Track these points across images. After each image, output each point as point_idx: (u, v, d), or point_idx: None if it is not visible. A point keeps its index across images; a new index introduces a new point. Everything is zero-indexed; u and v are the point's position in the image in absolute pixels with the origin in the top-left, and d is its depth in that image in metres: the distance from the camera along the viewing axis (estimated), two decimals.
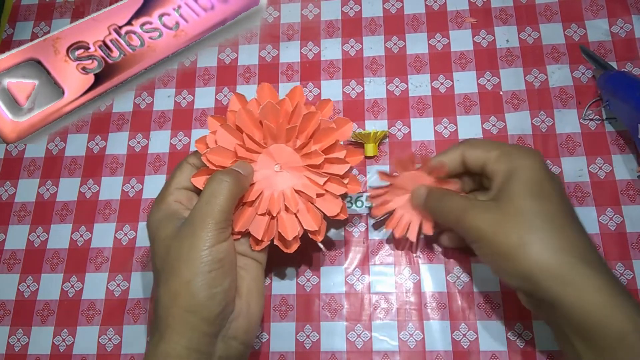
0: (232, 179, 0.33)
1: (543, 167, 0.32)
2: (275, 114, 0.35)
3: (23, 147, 0.48)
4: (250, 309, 0.34)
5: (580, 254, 0.30)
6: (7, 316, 0.43)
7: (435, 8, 0.49)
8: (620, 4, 0.46)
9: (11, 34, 0.53)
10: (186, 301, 0.31)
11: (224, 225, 0.32)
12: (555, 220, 0.31)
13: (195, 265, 0.31)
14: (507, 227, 0.31)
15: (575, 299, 0.29)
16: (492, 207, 0.32)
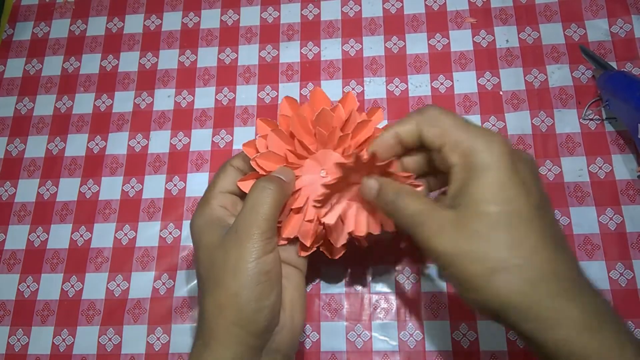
0: (276, 186, 0.32)
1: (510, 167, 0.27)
2: (330, 121, 0.34)
3: (23, 147, 0.48)
4: (294, 321, 0.33)
5: (557, 286, 0.25)
6: (7, 316, 0.43)
7: (435, 8, 0.49)
8: (620, 4, 0.46)
9: (11, 34, 0.53)
10: (233, 314, 0.30)
11: (269, 235, 0.31)
12: (526, 245, 0.26)
13: (242, 278, 0.30)
14: (468, 255, 0.26)
15: (552, 339, 0.25)
16: (450, 225, 0.27)
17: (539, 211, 0.27)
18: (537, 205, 0.27)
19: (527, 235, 0.26)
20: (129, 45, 0.51)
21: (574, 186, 0.42)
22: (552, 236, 0.27)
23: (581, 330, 0.25)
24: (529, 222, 0.26)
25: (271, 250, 0.31)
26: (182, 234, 0.44)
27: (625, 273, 0.39)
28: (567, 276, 0.26)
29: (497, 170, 0.27)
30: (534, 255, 0.26)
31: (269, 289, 0.30)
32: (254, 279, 0.30)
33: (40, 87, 0.51)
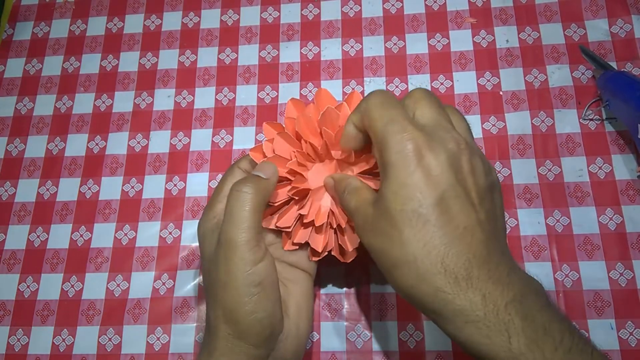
0: (252, 188, 0.30)
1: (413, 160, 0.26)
2: (335, 120, 0.33)
3: (23, 147, 0.48)
4: (300, 328, 0.32)
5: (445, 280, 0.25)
6: (7, 316, 0.43)
7: (435, 8, 0.49)
8: (620, 4, 0.46)
9: (11, 34, 0.53)
10: (231, 328, 0.30)
11: (255, 243, 0.30)
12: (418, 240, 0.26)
13: (233, 294, 0.29)
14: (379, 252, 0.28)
15: (446, 330, 0.26)
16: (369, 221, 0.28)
17: (441, 204, 0.26)
18: (439, 198, 0.26)
19: (421, 232, 0.26)
20: (129, 45, 0.51)
21: (574, 186, 0.42)
22: (452, 229, 0.26)
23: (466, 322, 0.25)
24: (425, 219, 0.26)
25: (261, 258, 0.30)
26: (182, 234, 0.44)
27: (625, 273, 0.39)
28: (456, 268, 0.26)
29: (399, 169, 0.27)
30: (424, 251, 0.26)
31: (264, 299, 0.30)
32: (246, 292, 0.29)
33: (40, 87, 0.51)
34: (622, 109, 0.40)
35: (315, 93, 0.35)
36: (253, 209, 0.30)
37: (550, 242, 0.40)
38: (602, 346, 0.37)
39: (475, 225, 0.27)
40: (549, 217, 0.41)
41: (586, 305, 0.38)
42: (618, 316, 0.38)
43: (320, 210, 0.34)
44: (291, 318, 0.32)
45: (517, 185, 0.42)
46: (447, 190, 0.26)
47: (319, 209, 0.34)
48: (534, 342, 0.24)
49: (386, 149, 0.27)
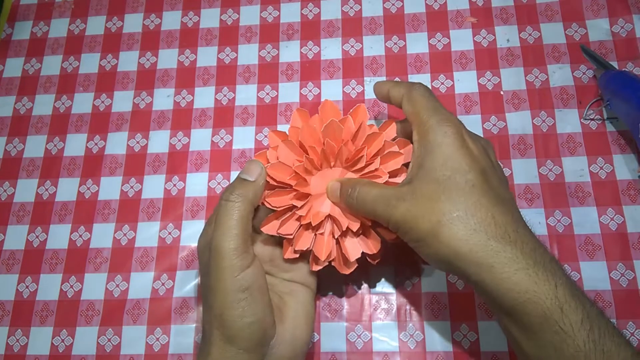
0: (239, 195, 0.32)
1: (458, 142, 0.31)
2: (338, 132, 0.34)
3: (22, 147, 0.48)
4: (296, 335, 0.33)
5: (495, 232, 0.28)
6: (6, 317, 0.43)
7: (435, 7, 0.48)
8: (621, 4, 0.46)
9: (10, 33, 0.53)
10: (222, 333, 0.31)
11: (243, 250, 0.31)
12: (468, 200, 0.29)
13: (222, 299, 0.30)
14: (419, 215, 0.30)
15: (493, 279, 0.28)
16: (406, 194, 0.31)
17: (484, 175, 0.30)
18: (482, 171, 0.30)
19: (470, 192, 0.29)
20: (128, 44, 0.51)
21: (575, 186, 0.41)
22: (494, 195, 0.30)
23: (517, 269, 0.28)
24: (473, 182, 0.30)
25: (248, 264, 0.31)
26: (181, 234, 0.44)
27: (627, 273, 0.39)
28: (504, 223, 0.29)
29: (446, 146, 0.31)
30: (473, 207, 0.29)
31: (253, 303, 0.31)
32: (234, 297, 0.30)
33: (39, 86, 0.50)
34: (623, 108, 0.40)
35: (320, 105, 0.36)
36: (240, 217, 0.31)
37: (551, 242, 0.40)
38: None
39: (511, 198, 0.31)
40: (550, 217, 0.41)
41: None
42: (619, 316, 0.38)
43: (318, 213, 0.34)
44: (286, 325, 0.33)
45: (518, 185, 0.42)
46: (485, 167, 0.31)
47: (317, 212, 0.34)
48: (576, 295, 0.27)
49: (433, 130, 0.31)
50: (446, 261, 0.29)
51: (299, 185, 0.34)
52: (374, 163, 0.34)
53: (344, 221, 0.34)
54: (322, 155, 0.34)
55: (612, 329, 0.27)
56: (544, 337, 0.27)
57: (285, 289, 0.34)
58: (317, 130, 0.35)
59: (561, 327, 0.27)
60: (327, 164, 0.35)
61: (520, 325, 0.28)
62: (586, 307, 0.27)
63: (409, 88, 0.34)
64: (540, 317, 0.27)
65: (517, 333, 0.29)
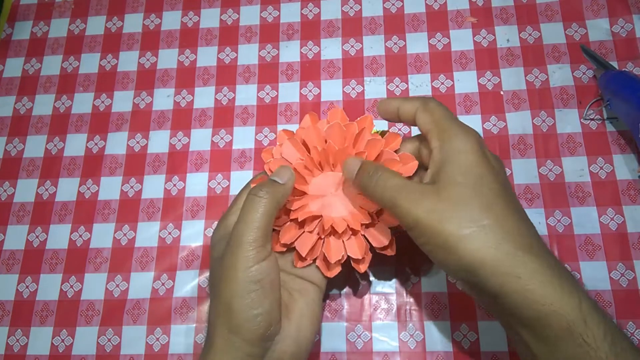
0: (267, 193, 0.32)
1: (481, 152, 0.31)
2: (341, 135, 0.35)
3: (22, 147, 0.48)
4: (301, 333, 0.33)
5: (522, 243, 0.28)
6: (6, 317, 0.43)
7: (435, 7, 0.48)
8: (621, 4, 0.46)
9: (10, 33, 0.53)
10: (228, 322, 0.31)
11: (261, 243, 0.31)
12: (495, 209, 0.29)
13: (233, 287, 0.31)
14: (444, 217, 0.29)
15: (518, 290, 0.27)
16: (430, 193, 0.30)
17: (505, 187, 0.30)
18: (503, 183, 0.31)
19: (496, 202, 0.29)
20: (128, 44, 0.51)
21: (575, 186, 0.41)
22: (515, 207, 0.30)
23: (542, 281, 0.27)
24: (497, 193, 0.30)
25: (264, 258, 0.31)
26: (181, 234, 0.44)
27: (627, 273, 0.39)
28: (528, 235, 0.29)
29: (470, 153, 0.31)
30: (501, 217, 0.29)
31: (262, 296, 0.31)
32: (245, 287, 0.31)
33: (39, 86, 0.50)
34: (623, 108, 0.40)
35: (329, 111, 0.36)
36: (265, 212, 0.32)
37: (551, 242, 0.40)
38: None
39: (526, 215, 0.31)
40: (550, 217, 0.41)
41: None
42: (619, 317, 0.38)
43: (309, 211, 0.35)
44: (292, 321, 0.33)
45: (518, 185, 0.42)
46: (505, 179, 0.32)
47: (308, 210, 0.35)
48: (598, 309, 0.27)
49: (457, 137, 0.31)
50: (468, 270, 0.28)
51: (297, 182, 0.34)
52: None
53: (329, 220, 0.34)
54: (322, 154, 0.35)
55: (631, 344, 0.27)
56: (566, 350, 0.27)
57: (296, 286, 0.35)
58: (322, 132, 0.35)
59: (585, 339, 0.26)
60: (327, 166, 0.36)
61: (541, 338, 0.28)
62: (607, 321, 0.27)
63: (423, 100, 0.34)
64: (564, 330, 0.27)
65: (537, 346, 0.28)
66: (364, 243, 0.35)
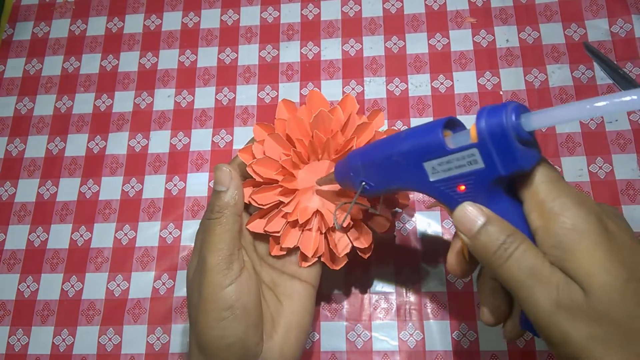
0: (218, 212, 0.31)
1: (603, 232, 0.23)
2: (328, 123, 0.33)
3: (23, 147, 0.48)
4: (285, 348, 0.31)
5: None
6: (7, 316, 0.43)
7: (435, 8, 0.49)
8: (620, 4, 0.46)
9: (11, 34, 0.53)
10: (204, 350, 0.30)
11: (224, 267, 0.30)
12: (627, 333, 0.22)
13: (204, 317, 0.30)
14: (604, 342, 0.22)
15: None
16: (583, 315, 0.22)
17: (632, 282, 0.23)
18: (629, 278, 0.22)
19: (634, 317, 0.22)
20: (129, 45, 0.51)
21: (574, 186, 0.41)
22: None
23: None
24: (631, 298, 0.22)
25: (232, 281, 0.30)
26: (182, 234, 0.44)
27: None
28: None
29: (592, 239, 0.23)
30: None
31: (235, 323, 0.29)
32: (216, 316, 0.29)
33: (40, 87, 0.51)
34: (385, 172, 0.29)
35: (307, 94, 0.35)
36: (223, 231, 0.30)
37: None
38: None
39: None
40: None
41: None
42: None
43: (306, 209, 0.33)
44: (276, 340, 0.31)
45: None
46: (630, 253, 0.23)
47: (305, 208, 0.33)
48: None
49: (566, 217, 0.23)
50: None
51: (286, 180, 0.33)
52: None
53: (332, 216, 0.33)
54: (310, 147, 0.33)
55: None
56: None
57: (287, 290, 0.33)
58: (304, 122, 0.33)
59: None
60: (314, 157, 0.34)
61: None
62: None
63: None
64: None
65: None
66: (366, 230, 0.33)
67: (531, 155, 0.25)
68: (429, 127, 0.27)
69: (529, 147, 0.24)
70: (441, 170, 0.26)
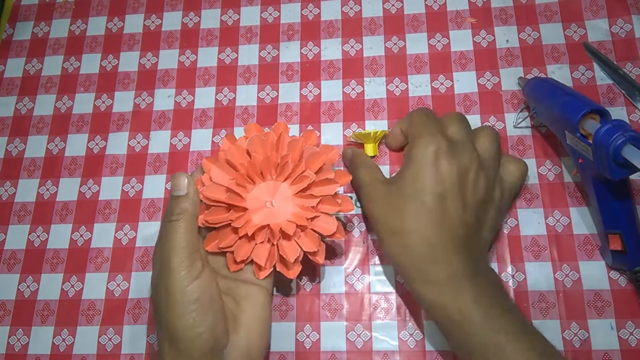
0: (179, 214, 0.33)
1: (430, 161, 0.34)
2: (262, 145, 0.36)
3: (23, 147, 0.48)
4: (250, 343, 0.33)
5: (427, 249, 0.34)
6: (7, 316, 0.43)
7: (435, 8, 0.49)
8: (620, 4, 0.46)
9: (11, 34, 0.53)
10: (174, 344, 0.32)
11: (189, 263, 0.32)
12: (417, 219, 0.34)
13: (172, 311, 0.32)
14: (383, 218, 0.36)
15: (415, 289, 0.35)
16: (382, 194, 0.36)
17: (440, 197, 0.34)
18: (441, 192, 0.34)
19: (419, 214, 0.34)
20: (129, 45, 0.51)
21: (574, 186, 0.42)
22: (441, 217, 0.34)
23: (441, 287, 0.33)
24: (426, 206, 0.34)
25: (196, 276, 0.32)
26: None
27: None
28: (440, 245, 0.34)
29: (418, 163, 0.35)
30: (419, 227, 0.34)
31: (202, 315, 0.32)
32: (184, 308, 0.31)
33: (40, 86, 0.51)
34: (548, 115, 0.40)
35: (245, 127, 0.38)
36: (184, 232, 0.33)
37: (550, 242, 0.40)
38: (602, 346, 0.37)
39: (459, 222, 0.34)
40: (549, 217, 0.41)
41: (586, 305, 0.38)
42: (618, 316, 0.38)
43: (255, 224, 0.35)
44: (240, 333, 0.33)
45: None
46: (448, 189, 0.34)
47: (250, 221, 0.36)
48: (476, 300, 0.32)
49: (414, 146, 0.36)
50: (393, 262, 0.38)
51: (235, 200, 0.35)
52: (300, 167, 0.36)
53: (277, 226, 0.35)
54: (250, 167, 0.36)
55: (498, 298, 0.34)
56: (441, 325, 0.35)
57: (242, 293, 0.35)
58: (242, 148, 0.36)
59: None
60: (259, 178, 0.37)
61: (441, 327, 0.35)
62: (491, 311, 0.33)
63: (411, 113, 0.39)
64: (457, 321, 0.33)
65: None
66: (315, 235, 0.36)
67: (622, 171, 0.33)
68: (577, 107, 0.36)
69: (623, 167, 0.33)
70: (572, 142, 0.37)
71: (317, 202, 0.36)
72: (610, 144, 0.32)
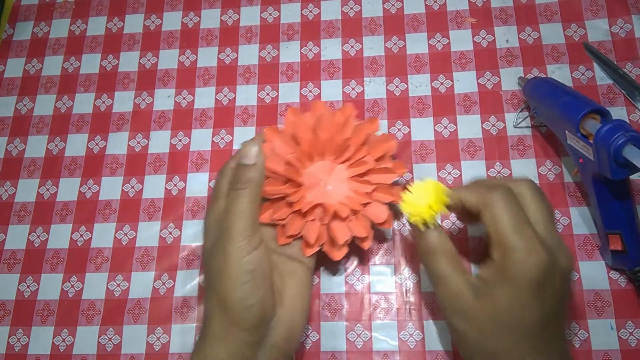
0: (245, 183, 0.34)
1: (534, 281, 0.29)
2: (329, 125, 0.36)
3: (23, 147, 0.48)
4: (293, 317, 0.34)
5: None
6: (7, 316, 0.43)
7: (435, 8, 0.49)
8: (620, 4, 0.46)
9: (11, 34, 0.53)
10: (224, 314, 0.32)
11: (249, 233, 0.33)
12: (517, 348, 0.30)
13: (228, 281, 0.32)
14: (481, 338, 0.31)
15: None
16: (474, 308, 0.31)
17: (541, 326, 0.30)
18: (540, 322, 0.30)
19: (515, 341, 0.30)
20: (129, 45, 0.51)
21: (574, 186, 0.42)
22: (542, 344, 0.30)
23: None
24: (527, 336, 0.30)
25: (255, 247, 0.33)
26: (182, 234, 0.44)
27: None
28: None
29: (519, 283, 0.29)
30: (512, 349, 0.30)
31: (255, 286, 0.32)
32: (239, 279, 0.32)
33: (40, 86, 0.51)
34: (548, 115, 0.40)
35: (311, 103, 0.38)
36: (248, 202, 0.33)
37: None
38: (602, 346, 0.37)
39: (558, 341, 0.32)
40: None
41: (586, 305, 0.38)
42: (618, 316, 0.38)
43: (309, 201, 0.36)
44: (285, 307, 0.34)
45: None
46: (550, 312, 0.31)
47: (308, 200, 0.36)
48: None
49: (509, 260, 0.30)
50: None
51: (292, 174, 0.35)
52: (361, 151, 0.36)
53: (332, 207, 0.36)
54: (312, 145, 0.36)
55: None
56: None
57: (288, 268, 0.35)
58: (309, 125, 0.36)
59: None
60: (318, 156, 0.37)
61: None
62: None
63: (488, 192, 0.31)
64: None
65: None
66: (366, 221, 0.36)
67: (622, 171, 0.33)
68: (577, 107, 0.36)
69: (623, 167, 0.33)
70: (573, 141, 0.37)
71: (372, 188, 0.36)
72: (611, 143, 0.33)
